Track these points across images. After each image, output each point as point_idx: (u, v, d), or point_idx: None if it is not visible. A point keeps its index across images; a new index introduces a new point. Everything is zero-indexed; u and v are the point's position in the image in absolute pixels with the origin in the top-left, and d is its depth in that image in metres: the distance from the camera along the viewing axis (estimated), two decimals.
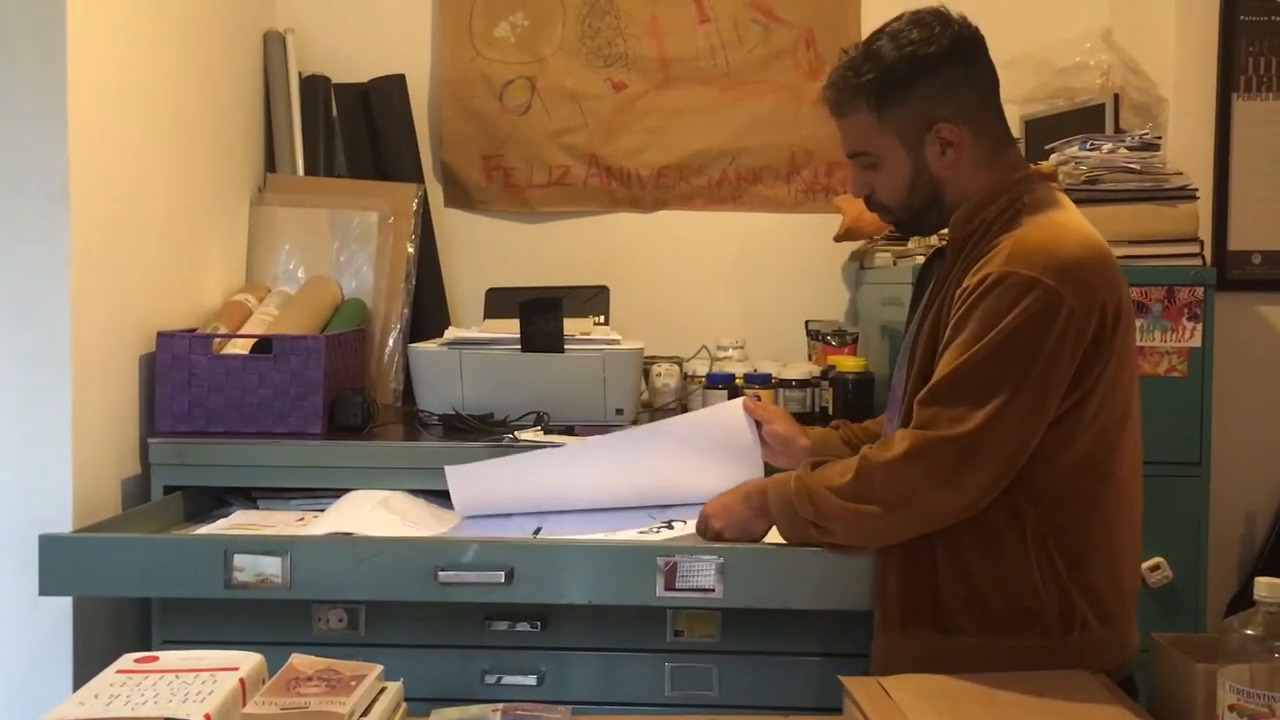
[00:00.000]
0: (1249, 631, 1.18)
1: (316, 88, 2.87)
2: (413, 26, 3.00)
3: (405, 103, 2.92)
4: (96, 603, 2.00)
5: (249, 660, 1.28)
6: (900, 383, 1.65)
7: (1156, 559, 2.18)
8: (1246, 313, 2.62)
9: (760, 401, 2.04)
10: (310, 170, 2.81)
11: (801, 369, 2.56)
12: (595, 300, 2.82)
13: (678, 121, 3.00)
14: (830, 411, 2.47)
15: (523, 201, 3.02)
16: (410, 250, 2.72)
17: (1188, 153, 2.56)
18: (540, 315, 2.27)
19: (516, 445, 2.11)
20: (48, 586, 1.78)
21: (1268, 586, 1.18)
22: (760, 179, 3.01)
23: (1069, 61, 2.70)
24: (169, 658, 1.29)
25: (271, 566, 1.75)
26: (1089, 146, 2.29)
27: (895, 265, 2.58)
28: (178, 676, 1.23)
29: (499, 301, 2.80)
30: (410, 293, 2.71)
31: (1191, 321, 2.20)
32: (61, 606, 1.94)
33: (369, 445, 2.16)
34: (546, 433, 2.19)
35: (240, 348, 2.26)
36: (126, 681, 1.22)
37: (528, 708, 1.41)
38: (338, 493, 2.10)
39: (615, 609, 1.81)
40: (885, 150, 1.58)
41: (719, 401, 2.44)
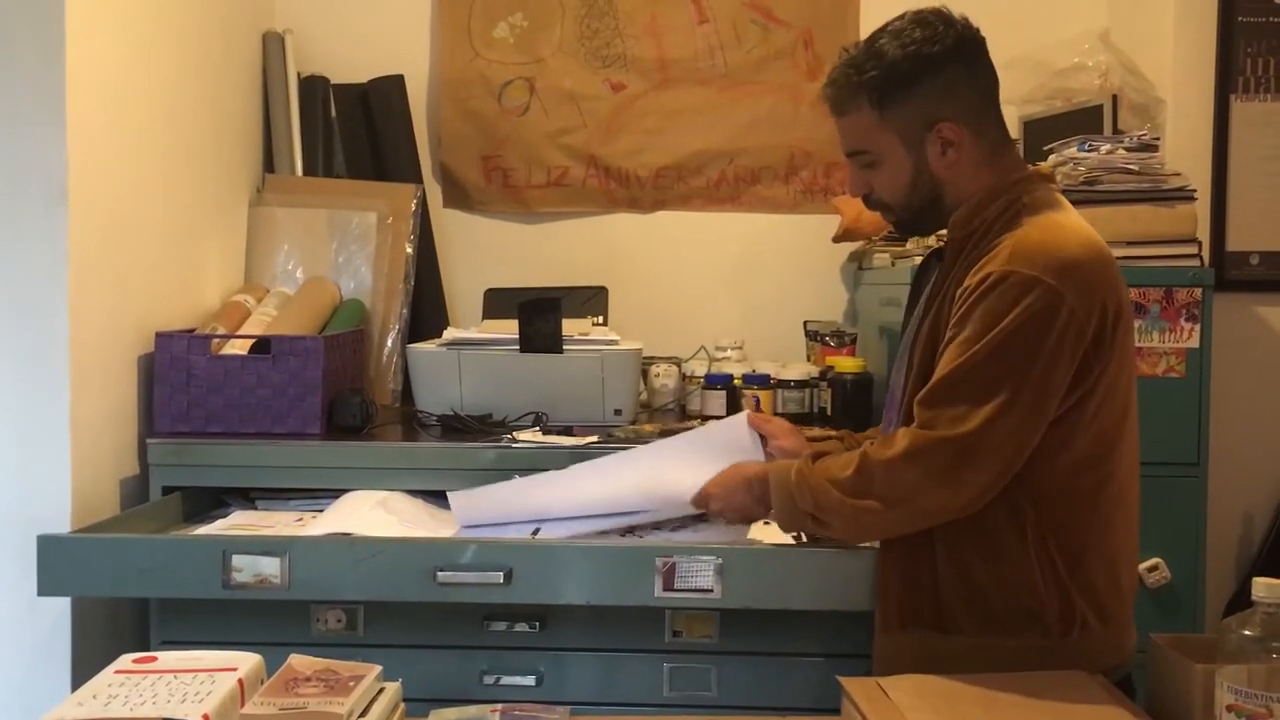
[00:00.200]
0: (1247, 632, 1.18)
1: (315, 88, 2.87)
2: (411, 27, 3.00)
3: (404, 103, 2.92)
4: (95, 603, 2.00)
5: (247, 661, 1.28)
6: (899, 383, 1.65)
7: (1155, 559, 2.18)
8: (1245, 313, 2.62)
9: (764, 414, 2.03)
10: (309, 171, 2.81)
11: (800, 369, 2.56)
12: (594, 301, 2.82)
13: (676, 122, 3.00)
14: (829, 412, 2.47)
15: (521, 202, 3.02)
16: (409, 251, 2.72)
17: (1186, 153, 2.56)
18: (539, 316, 2.27)
19: (515, 446, 2.11)
20: (46, 587, 1.78)
21: (1266, 587, 1.18)
22: (759, 179, 3.01)
23: (1067, 62, 2.70)
24: (167, 658, 1.29)
25: (270, 567, 1.75)
26: (1087, 147, 2.29)
27: (893, 266, 2.58)
28: (176, 677, 1.23)
29: (497, 302, 2.80)
30: (409, 293, 2.72)
31: (1190, 322, 2.20)
32: (60, 607, 1.94)
33: (367, 446, 2.16)
34: (545, 433, 2.19)
35: (239, 348, 2.26)
36: (125, 682, 1.22)
37: (526, 708, 1.41)
38: (336, 493, 2.10)
39: (614, 609, 1.81)
40: (886, 149, 1.58)
41: (717, 401, 2.45)
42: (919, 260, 2.33)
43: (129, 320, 2.16)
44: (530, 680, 1.89)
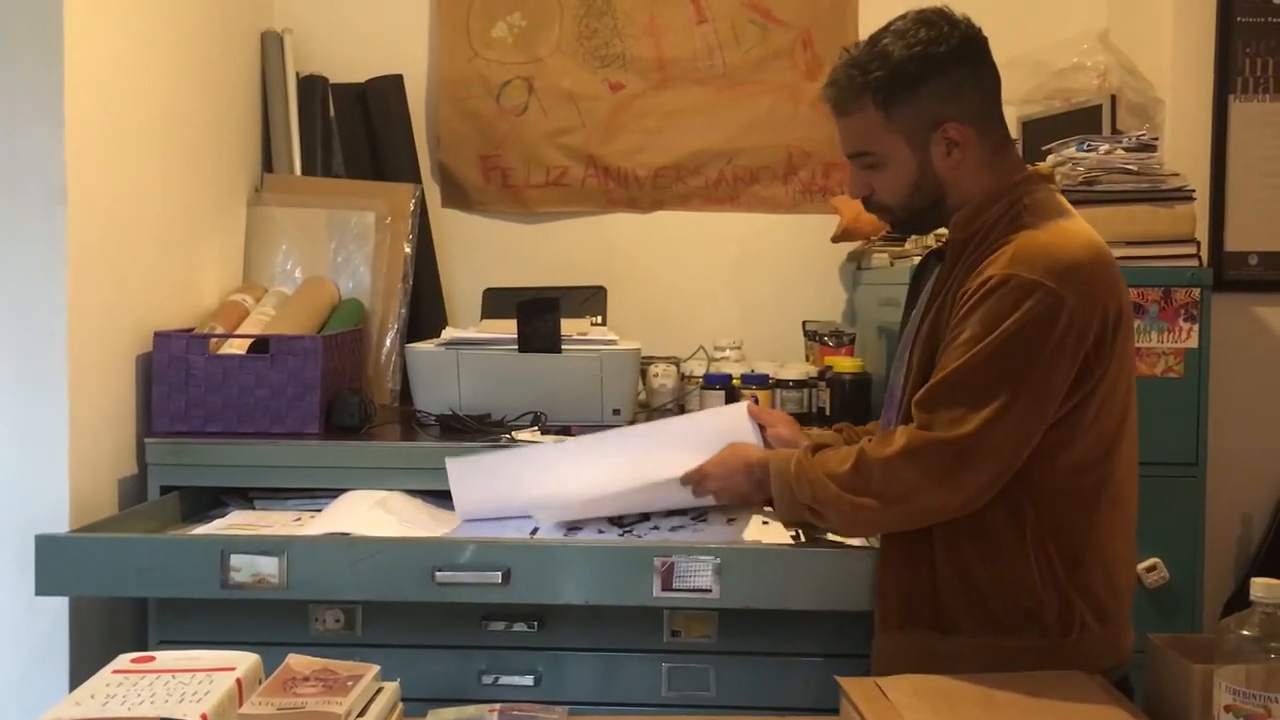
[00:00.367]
0: (1245, 632, 1.18)
1: (314, 88, 2.87)
2: (410, 27, 3.00)
3: (403, 103, 2.92)
4: (93, 603, 2.00)
5: (246, 660, 1.28)
6: (898, 383, 1.65)
7: (1153, 559, 2.18)
8: (1243, 314, 2.62)
9: (762, 405, 2.03)
10: (307, 170, 2.81)
11: (799, 369, 2.56)
12: (592, 301, 2.82)
13: (675, 122, 3.00)
14: (827, 412, 2.47)
15: (520, 202, 3.02)
16: (407, 250, 2.72)
17: (1184, 154, 2.56)
18: (537, 315, 2.27)
19: (513, 446, 2.11)
20: (44, 586, 1.78)
21: (1264, 587, 1.18)
22: (757, 179, 3.01)
23: (1066, 63, 2.70)
24: (165, 658, 1.29)
25: (268, 566, 1.75)
26: (1086, 148, 2.29)
27: (892, 266, 2.58)
28: (174, 677, 1.23)
29: (496, 302, 2.80)
30: (407, 293, 2.71)
31: (1188, 322, 2.20)
32: (58, 606, 1.94)
33: (366, 445, 2.16)
34: (544, 433, 2.19)
35: (237, 348, 2.26)
36: (123, 682, 1.22)
37: (525, 708, 1.41)
38: (335, 493, 2.10)
39: (612, 609, 1.81)
40: (890, 150, 1.57)
41: (716, 402, 2.45)
42: (917, 260, 2.33)
43: (127, 320, 2.16)
44: (528, 680, 1.89)
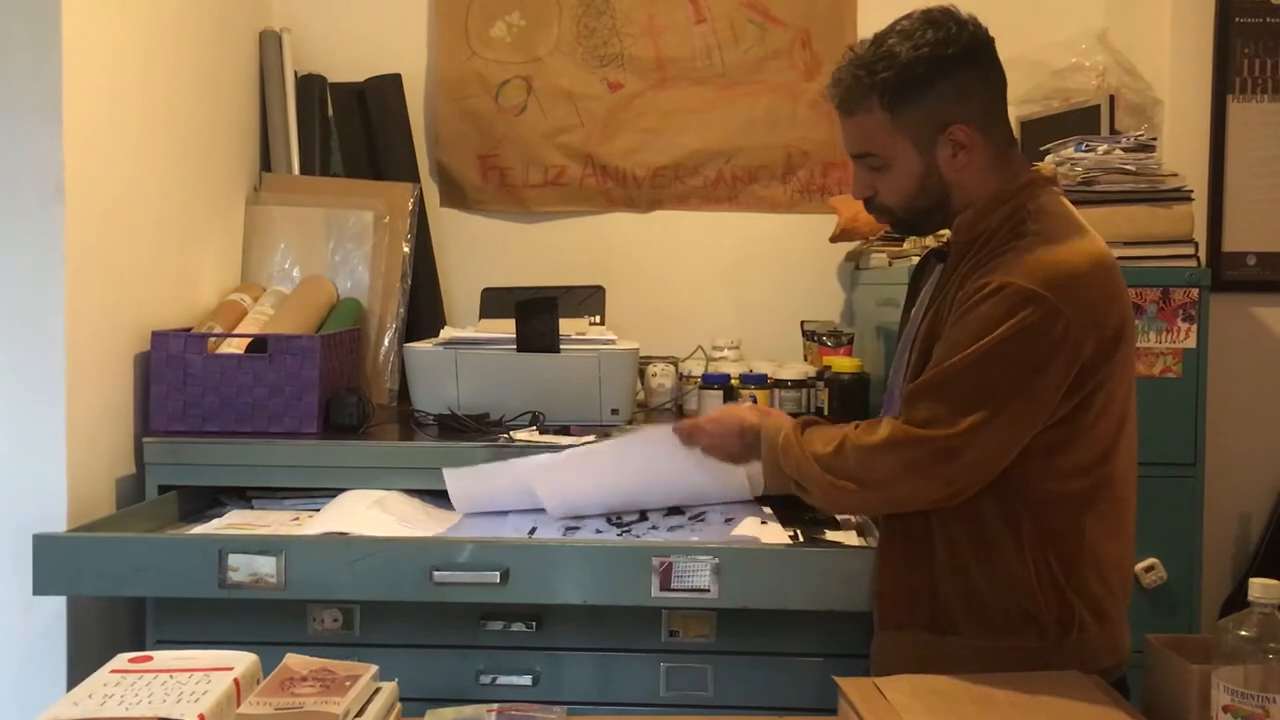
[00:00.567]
0: (1243, 633, 1.18)
1: (312, 87, 2.87)
2: (409, 26, 3.00)
3: (401, 102, 2.92)
4: (91, 602, 2.00)
5: (243, 660, 1.28)
6: (897, 383, 1.65)
7: (1151, 560, 2.18)
8: (1241, 314, 2.62)
9: (761, 405, 2.03)
10: (306, 169, 2.81)
11: (797, 369, 2.56)
12: (591, 300, 2.82)
13: (674, 121, 2.99)
14: (826, 412, 2.47)
15: (518, 201, 3.01)
16: (406, 250, 2.72)
17: (1183, 154, 2.56)
18: (536, 315, 2.27)
19: (512, 446, 2.11)
20: (42, 586, 1.78)
21: (1262, 588, 1.18)
22: (756, 179, 3.01)
23: (1064, 63, 2.70)
24: (163, 657, 1.28)
25: (266, 566, 1.75)
26: (1084, 148, 2.29)
27: (891, 266, 2.58)
28: (172, 676, 1.22)
29: (495, 301, 2.80)
30: (406, 292, 2.71)
31: (1186, 322, 2.20)
32: (56, 606, 1.94)
33: (364, 445, 2.16)
34: (542, 433, 2.19)
35: (235, 347, 2.26)
36: (120, 681, 1.22)
37: (523, 708, 1.41)
38: (333, 493, 2.10)
39: (610, 609, 1.81)
40: (896, 151, 1.55)
41: (714, 402, 2.45)
42: (916, 260, 2.33)
43: (125, 319, 2.15)
44: (527, 680, 1.89)
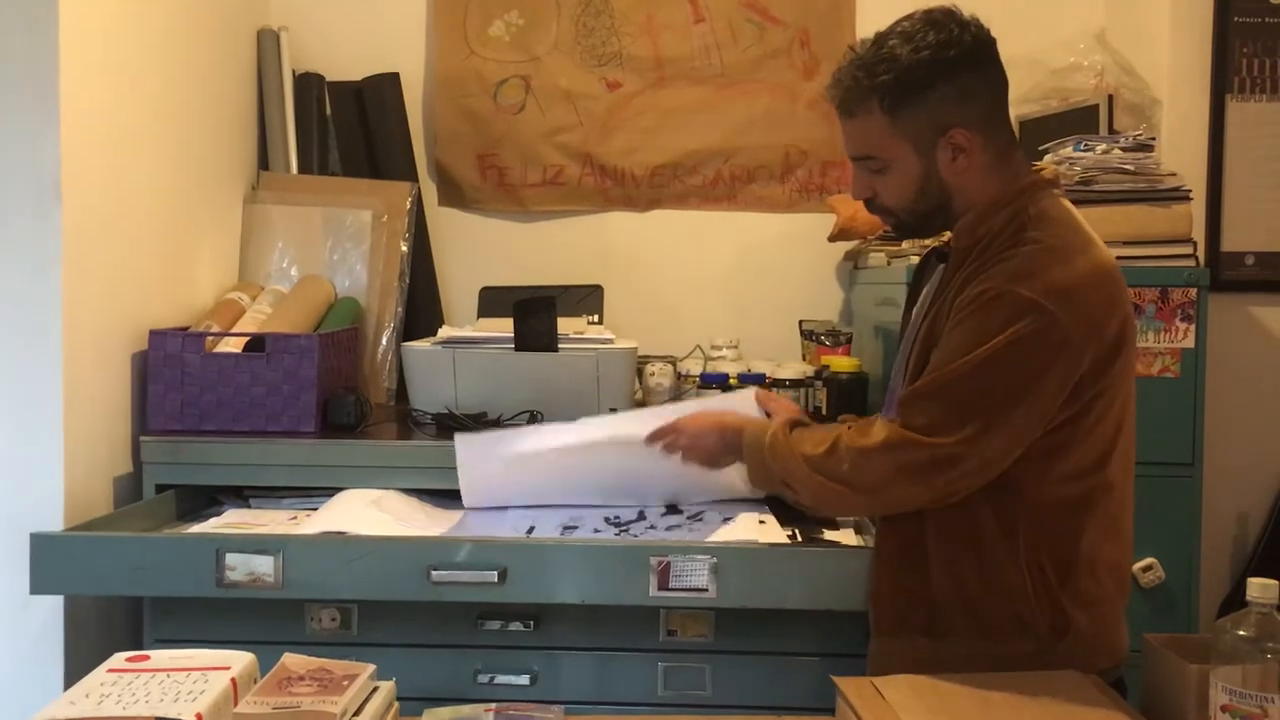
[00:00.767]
0: (1241, 632, 1.18)
1: (310, 85, 2.86)
2: (407, 24, 2.99)
3: (399, 101, 2.92)
4: (88, 601, 2.00)
5: (241, 659, 1.28)
6: (898, 384, 1.64)
7: (1149, 559, 2.18)
8: (1239, 314, 2.62)
9: (770, 393, 2.03)
10: (304, 168, 2.81)
11: (795, 369, 2.56)
12: (589, 299, 2.82)
13: (672, 121, 2.99)
14: (824, 411, 2.47)
15: (517, 200, 3.01)
16: (404, 249, 2.72)
17: (1181, 154, 2.57)
18: (534, 314, 2.27)
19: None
20: (39, 585, 1.78)
21: (1260, 587, 1.18)
22: (754, 179, 3.00)
23: (1063, 62, 2.70)
24: (160, 657, 1.28)
25: (264, 565, 1.74)
26: (1083, 147, 2.29)
27: (889, 265, 2.58)
28: (169, 676, 1.22)
29: (493, 300, 2.80)
30: (404, 291, 2.71)
31: (1185, 322, 2.20)
32: (53, 605, 1.93)
33: (362, 444, 2.15)
34: None
35: (233, 346, 2.26)
36: (118, 681, 1.22)
37: (520, 707, 1.40)
38: (330, 492, 2.10)
39: (608, 608, 1.81)
40: (895, 154, 1.53)
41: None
42: (915, 260, 2.33)
43: (123, 318, 2.15)
44: (524, 679, 1.88)
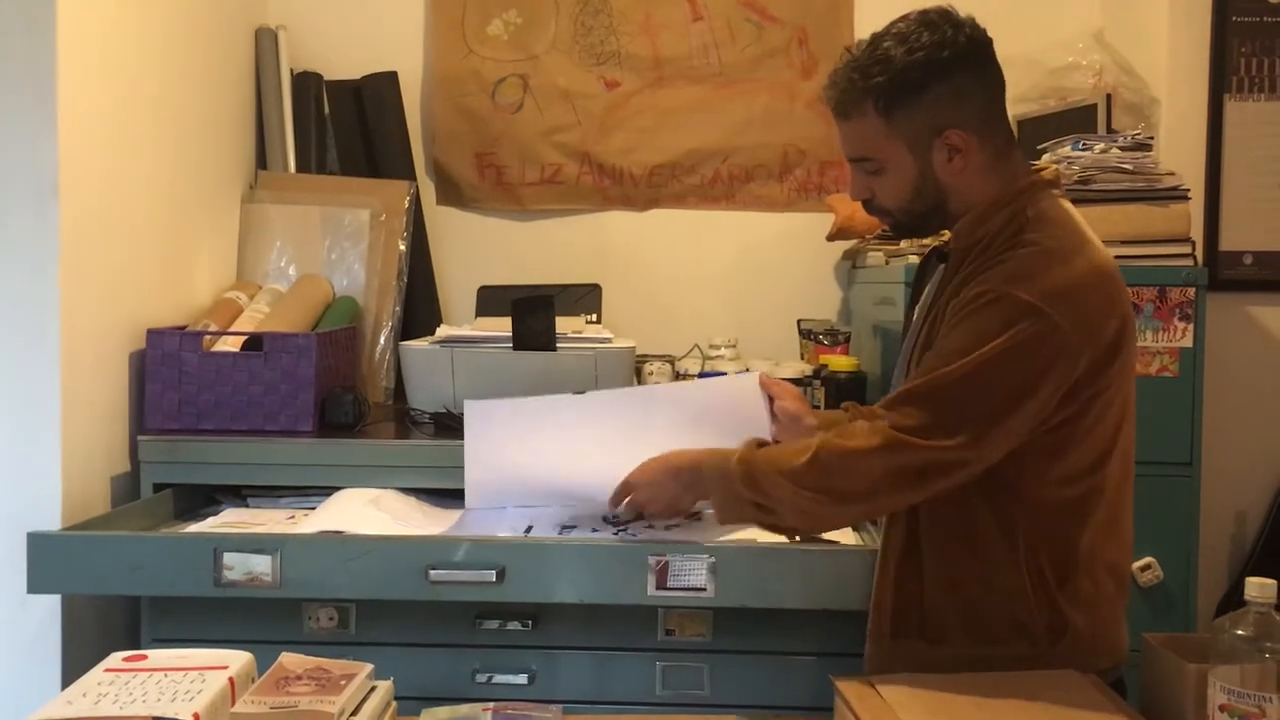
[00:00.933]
0: (1240, 632, 1.18)
1: (308, 84, 2.86)
2: (405, 23, 2.99)
3: (397, 100, 2.91)
4: (85, 601, 1.99)
5: (238, 659, 1.28)
6: (899, 385, 1.63)
7: (1147, 559, 2.18)
8: (1238, 313, 2.63)
9: (773, 377, 2.03)
10: (302, 167, 2.81)
11: (794, 368, 2.56)
12: (587, 299, 2.81)
13: (670, 120, 2.99)
14: (822, 410, 2.46)
15: (515, 199, 3.01)
16: (402, 248, 2.72)
17: (1180, 153, 2.57)
18: (532, 313, 2.27)
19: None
20: (36, 584, 1.78)
21: (1258, 587, 1.19)
22: (753, 178, 3.00)
23: (1061, 62, 2.70)
24: (158, 656, 1.28)
25: (261, 565, 1.74)
26: (1081, 146, 2.29)
27: (887, 265, 2.58)
28: (166, 675, 1.22)
29: (491, 300, 2.80)
30: (402, 290, 2.71)
31: (1183, 321, 2.20)
32: (50, 604, 1.93)
33: (360, 444, 2.15)
34: None
35: (231, 345, 2.26)
36: (115, 680, 1.22)
37: (518, 707, 1.40)
38: (328, 491, 2.10)
39: (606, 608, 1.81)
40: (891, 156, 1.53)
41: None
42: (913, 259, 2.33)
43: (120, 317, 2.15)
44: (522, 679, 1.88)
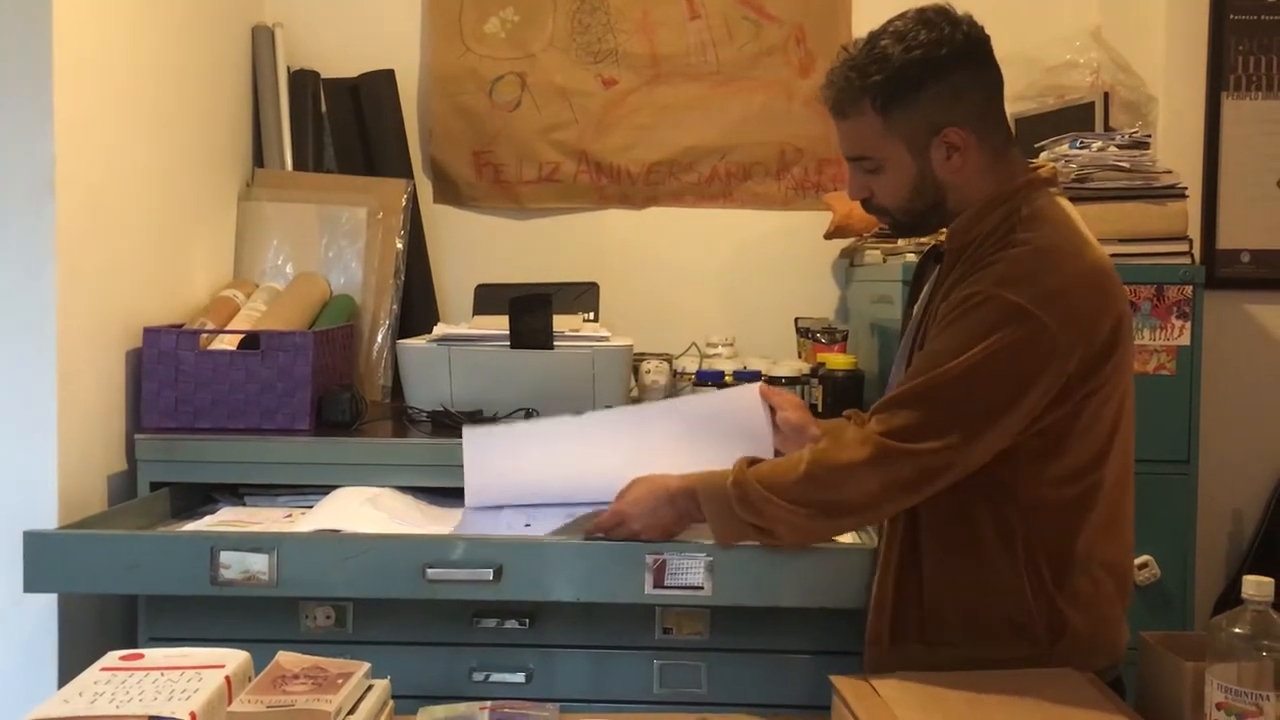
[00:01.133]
0: (1237, 630, 1.18)
1: (305, 82, 2.86)
2: (402, 21, 2.99)
3: (395, 98, 2.91)
4: (82, 599, 1.99)
5: (235, 658, 1.28)
6: (897, 385, 1.63)
7: (1145, 557, 2.18)
8: (1235, 311, 2.62)
9: (773, 387, 2.03)
10: (299, 165, 2.80)
11: (791, 366, 2.56)
12: (585, 297, 2.81)
13: (668, 118, 2.99)
14: (820, 409, 2.47)
15: (512, 197, 3.01)
16: (399, 246, 2.71)
17: (1177, 151, 2.57)
18: (529, 312, 2.26)
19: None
20: (33, 583, 1.77)
21: (1255, 585, 1.19)
22: (750, 176, 3.00)
23: (1059, 60, 2.70)
24: (154, 655, 1.28)
25: (258, 564, 1.74)
26: (1079, 145, 2.29)
27: (885, 263, 2.58)
28: (163, 674, 1.22)
29: (488, 298, 2.79)
30: (399, 289, 2.71)
31: (1180, 320, 2.20)
32: (47, 603, 1.93)
33: (357, 442, 2.15)
34: None
35: (227, 344, 2.25)
36: (111, 679, 1.21)
37: (516, 705, 1.40)
38: (325, 490, 2.09)
39: (604, 606, 1.81)
40: (889, 154, 1.53)
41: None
42: (911, 257, 2.33)
43: (117, 315, 2.14)
44: (520, 677, 1.88)
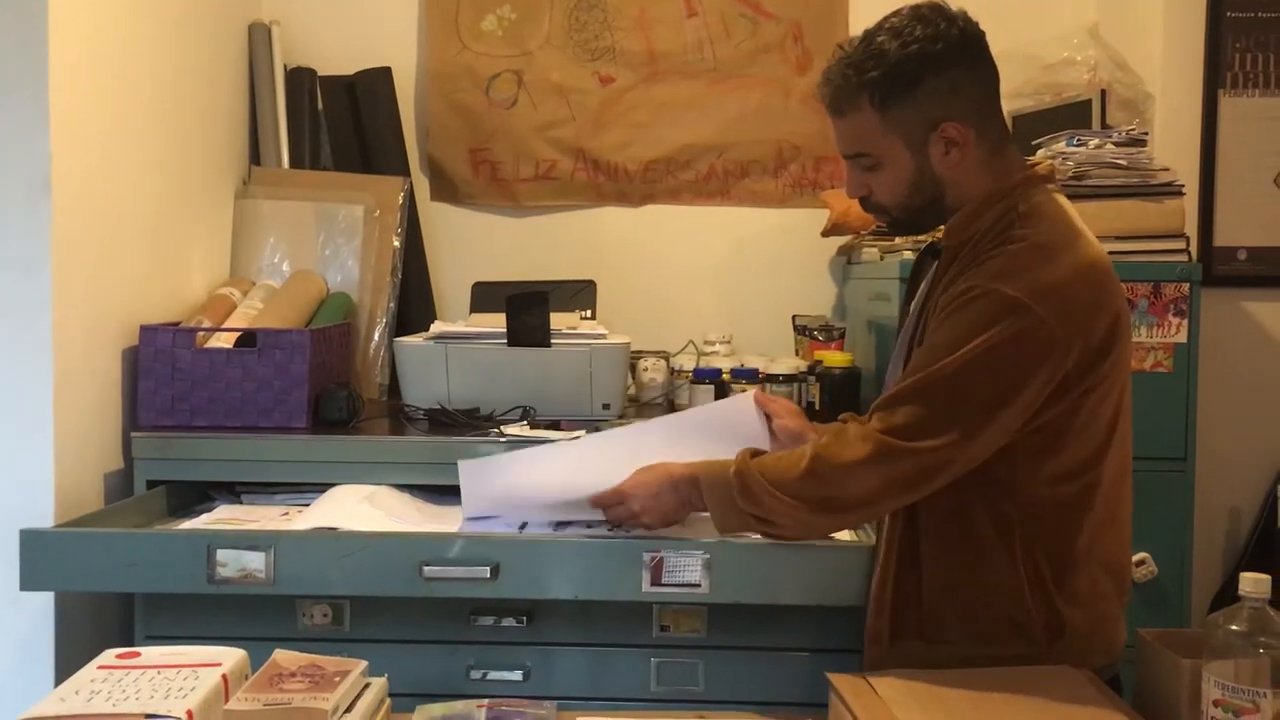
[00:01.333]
0: (1234, 627, 1.18)
1: (302, 80, 2.85)
2: (399, 19, 2.98)
3: (391, 95, 2.91)
4: (79, 598, 1.99)
5: (232, 656, 1.28)
6: (894, 384, 1.63)
7: (1142, 554, 2.18)
8: (1232, 308, 2.62)
9: (769, 394, 2.02)
10: (295, 163, 2.80)
11: (788, 364, 2.55)
12: (582, 295, 2.81)
13: (665, 116, 2.99)
14: (817, 407, 2.46)
15: (509, 195, 3.01)
16: (396, 244, 2.71)
17: (1174, 149, 2.57)
18: (527, 310, 2.26)
19: (503, 440, 2.10)
20: (29, 581, 1.77)
21: (1252, 582, 1.19)
22: (748, 173, 3.00)
23: (1056, 57, 2.70)
24: (151, 653, 1.28)
25: (255, 562, 1.74)
26: (1076, 142, 2.29)
27: (882, 260, 2.58)
28: (160, 672, 1.22)
29: (485, 296, 2.79)
30: (396, 286, 2.71)
31: (1177, 317, 2.20)
32: (43, 601, 1.93)
33: (354, 440, 2.15)
34: (533, 427, 2.18)
35: (224, 341, 2.25)
36: (108, 677, 1.21)
37: (513, 703, 1.40)
38: (322, 488, 2.09)
39: (601, 604, 1.81)
40: (887, 151, 1.52)
41: (706, 397, 2.45)
42: (908, 255, 2.33)
43: (113, 313, 2.14)
44: (517, 675, 1.88)
